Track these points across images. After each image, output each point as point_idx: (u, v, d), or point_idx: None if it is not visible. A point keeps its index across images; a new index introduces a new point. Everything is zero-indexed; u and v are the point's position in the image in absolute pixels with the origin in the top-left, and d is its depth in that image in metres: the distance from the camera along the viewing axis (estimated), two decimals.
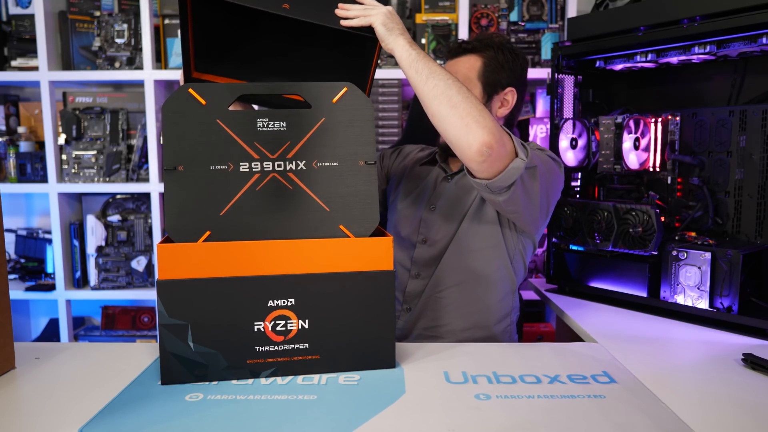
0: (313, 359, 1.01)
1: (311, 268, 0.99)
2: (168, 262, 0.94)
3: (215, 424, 0.83)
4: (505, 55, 1.40)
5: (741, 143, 1.41)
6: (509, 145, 1.14)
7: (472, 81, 1.38)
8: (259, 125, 1.01)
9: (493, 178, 1.15)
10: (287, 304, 0.99)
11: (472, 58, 1.39)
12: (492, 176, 1.14)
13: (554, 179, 1.32)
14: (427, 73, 1.13)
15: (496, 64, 1.38)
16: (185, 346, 0.95)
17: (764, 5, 1.25)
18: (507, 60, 1.40)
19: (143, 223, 2.40)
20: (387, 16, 1.16)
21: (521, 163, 1.14)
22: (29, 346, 1.15)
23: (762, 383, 1.01)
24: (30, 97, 2.56)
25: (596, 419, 0.85)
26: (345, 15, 1.16)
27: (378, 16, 1.15)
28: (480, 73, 1.38)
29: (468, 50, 1.41)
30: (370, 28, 1.17)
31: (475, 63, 1.39)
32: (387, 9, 1.17)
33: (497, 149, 1.10)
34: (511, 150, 1.15)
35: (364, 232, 1.02)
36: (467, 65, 1.39)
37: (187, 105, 0.98)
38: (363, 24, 1.15)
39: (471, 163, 1.13)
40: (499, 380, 0.99)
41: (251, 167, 1.00)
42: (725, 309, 1.32)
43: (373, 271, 1.01)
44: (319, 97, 1.03)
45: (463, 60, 1.40)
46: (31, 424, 0.85)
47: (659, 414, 0.87)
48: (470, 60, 1.39)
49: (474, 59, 1.39)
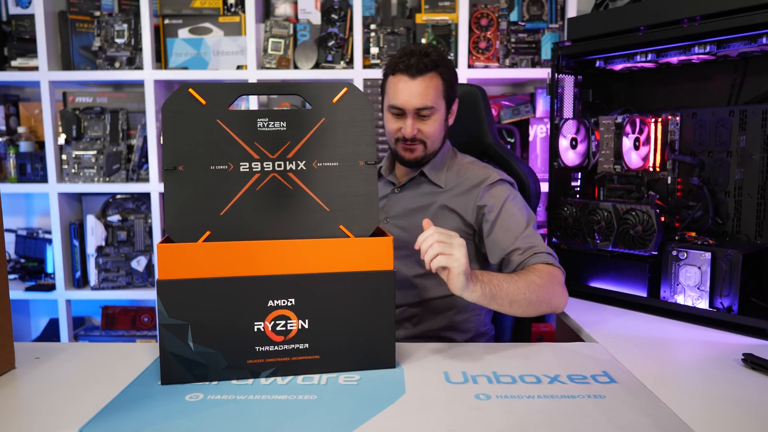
0: (313, 359, 1.01)
1: (311, 268, 0.99)
2: (168, 262, 0.94)
3: (215, 424, 0.83)
4: (452, 70, 1.42)
5: (741, 143, 1.41)
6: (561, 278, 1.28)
7: (439, 101, 1.39)
8: (259, 125, 1.01)
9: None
10: (287, 304, 0.99)
11: (435, 77, 1.37)
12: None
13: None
14: (506, 299, 1.14)
15: (451, 80, 1.40)
16: (185, 346, 0.95)
17: (764, 5, 1.25)
18: (454, 74, 1.43)
19: (143, 223, 2.40)
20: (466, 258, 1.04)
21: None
22: (29, 346, 1.15)
23: (762, 383, 1.01)
24: (30, 97, 2.56)
25: (596, 419, 0.85)
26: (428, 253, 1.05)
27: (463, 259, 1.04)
28: (443, 91, 1.39)
29: (431, 68, 1.37)
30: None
31: (438, 82, 1.38)
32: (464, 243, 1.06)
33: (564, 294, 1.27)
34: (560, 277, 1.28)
35: (365, 232, 1.02)
36: (433, 85, 1.37)
37: (187, 105, 0.98)
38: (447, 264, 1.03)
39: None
40: (499, 380, 0.99)
41: (251, 167, 1.00)
42: (725, 309, 1.32)
43: (373, 271, 1.01)
44: (319, 97, 1.03)
45: (428, 79, 1.36)
46: (31, 424, 0.85)
47: (659, 414, 0.87)
48: (434, 79, 1.37)
49: (436, 78, 1.37)
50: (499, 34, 2.28)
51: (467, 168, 1.47)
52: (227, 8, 2.35)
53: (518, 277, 1.18)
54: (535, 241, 1.32)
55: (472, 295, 1.08)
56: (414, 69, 1.35)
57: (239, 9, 2.34)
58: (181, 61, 2.34)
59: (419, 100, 1.36)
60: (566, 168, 1.67)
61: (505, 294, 1.13)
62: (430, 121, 1.39)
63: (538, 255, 1.29)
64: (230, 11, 2.35)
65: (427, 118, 1.38)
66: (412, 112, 1.37)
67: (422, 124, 1.39)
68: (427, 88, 1.36)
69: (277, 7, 2.38)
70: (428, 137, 1.40)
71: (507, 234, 1.34)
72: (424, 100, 1.36)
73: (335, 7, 2.30)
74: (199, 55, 2.34)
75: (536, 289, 1.18)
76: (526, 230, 1.34)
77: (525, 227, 1.34)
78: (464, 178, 1.45)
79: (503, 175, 1.44)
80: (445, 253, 1.03)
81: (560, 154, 1.65)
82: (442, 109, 1.40)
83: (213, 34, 2.34)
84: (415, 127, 1.38)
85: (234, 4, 2.35)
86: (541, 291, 1.18)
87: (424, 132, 1.39)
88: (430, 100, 1.36)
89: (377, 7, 2.35)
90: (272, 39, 2.30)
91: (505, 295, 1.13)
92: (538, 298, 1.18)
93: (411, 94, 1.36)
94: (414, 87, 1.36)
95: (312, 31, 2.32)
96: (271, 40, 2.30)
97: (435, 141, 1.42)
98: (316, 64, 2.30)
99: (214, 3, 2.32)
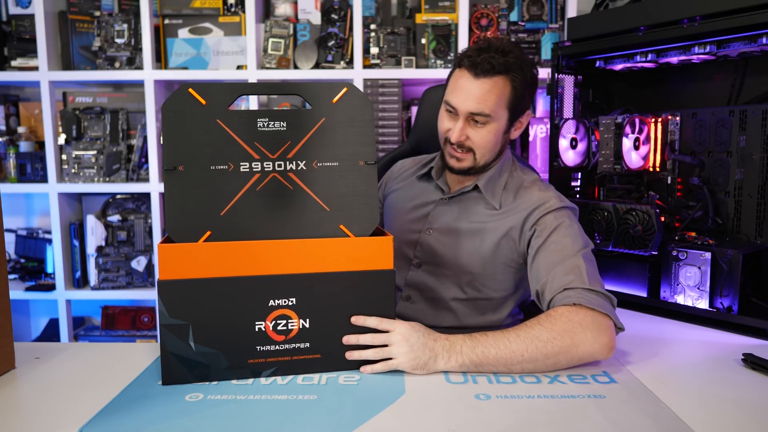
0: (314, 358, 1.01)
1: (312, 267, 0.99)
2: (169, 262, 0.94)
3: (215, 424, 0.83)
4: (527, 78, 1.23)
5: (741, 143, 1.41)
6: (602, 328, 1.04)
7: (500, 110, 1.22)
8: (259, 125, 1.01)
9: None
10: (288, 303, 0.99)
11: (501, 82, 1.20)
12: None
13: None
14: (498, 364, 1.00)
15: (523, 89, 1.22)
16: (186, 346, 0.95)
17: (764, 5, 1.25)
18: (531, 84, 1.25)
19: (143, 223, 2.40)
20: (411, 349, 0.99)
21: (619, 330, 1.07)
22: (29, 346, 1.15)
23: (762, 383, 1.01)
24: (30, 97, 2.56)
25: (596, 419, 0.85)
26: (360, 357, 1.01)
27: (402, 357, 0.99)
28: (508, 100, 1.21)
29: (499, 71, 1.19)
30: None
31: (504, 89, 1.20)
32: (405, 333, 1.00)
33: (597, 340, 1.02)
34: (607, 325, 1.04)
35: (365, 232, 1.03)
36: (497, 92, 1.20)
37: (187, 105, 0.98)
38: (388, 369, 1.00)
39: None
40: (499, 380, 0.99)
41: (251, 167, 1.00)
42: (725, 309, 1.32)
43: (373, 270, 1.01)
44: (318, 97, 1.03)
45: (492, 83, 1.19)
46: (31, 424, 0.84)
47: (659, 414, 0.87)
48: (499, 84, 1.20)
49: (503, 84, 1.20)
50: (499, 34, 2.28)
51: (527, 189, 1.28)
52: (227, 8, 2.35)
53: (518, 334, 1.01)
54: (573, 275, 1.10)
55: (447, 366, 1.00)
56: (479, 68, 1.18)
57: (239, 9, 2.34)
58: (181, 61, 2.34)
59: (474, 104, 1.19)
60: (566, 168, 1.67)
61: (494, 360, 0.99)
62: (484, 131, 1.22)
63: (568, 293, 1.07)
64: (230, 11, 2.35)
65: (481, 126, 1.22)
66: (465, 114, 1.21)
67: (473, 130, 1.22)
68: (488, 92, 1.19)
69: (277, 7, 2.38)
70: (478, 147, 1.23)
71: (545, 265, 1.15)
72: (480, 105, 1.19)
73: (335, 7, 2.30)
74: (199, 55, 2.34)
75: (541, 345, 0.99)
76: (568, 261, 1.12)
77: (568, 257, 1.13)
78: (522, 200, 1.27)
79: (565, 202, 1.24)
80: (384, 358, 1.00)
81: (560, 154, 1.65)
82: (501, 120, 1.22)
83: (213, 34, 2.34)
84: (464, 132, 1.22)
85: (234, 4, 2.35)
86: (549, 346, 0.99)
87: (473, 140, 1.23)
88: (488, 107, 1.19)
89: (377, 7, 2.35)
90: (272, 39, 2.30)
91: (494, 362, 0.99)
92: (545, 355, 0.99)
93: (468, 95, 1.20)
94: (473, 88, 1.19)
95: (312, 31, 2.32)
96: (271, 40, 2.30)
97: (486, 153, 1.25)
98: (316, 64, 2.30)
99: (214, 3, 2.32)
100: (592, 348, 1.01)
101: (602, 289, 1.08)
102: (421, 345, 0.99)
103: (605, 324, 1.03)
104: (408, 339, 0.99)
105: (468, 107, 1.20)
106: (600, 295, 1.07)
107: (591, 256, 1.16)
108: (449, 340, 1.01)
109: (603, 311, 1.04)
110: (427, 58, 2.29)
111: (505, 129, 1.25)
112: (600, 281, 1.12)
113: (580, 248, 1.15)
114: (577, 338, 1.01)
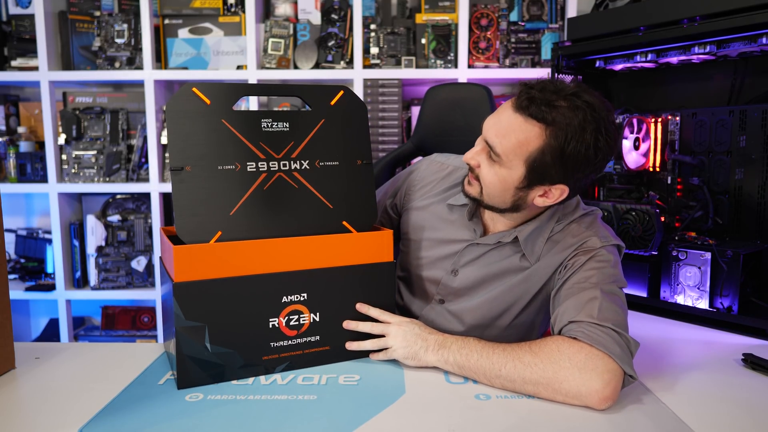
0: (323, 350, 1.04)
1: (321, 262, 1.02)
2: (184, 263, 0.93)
3: (215, 424, 0.83)
4: (571, 143, 0.96)
5: (741, 143, 1.41)
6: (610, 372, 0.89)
7: (515, 160, 1.00)
8: (263, 125, 1.02)
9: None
10: (300, 298, 1.01)
11: (533, 130, 0.97)
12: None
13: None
14: (477, 372, 0.97)
15: (554, 158, 0.97)
16: (202, 347, 0.95)
17: (764, 5, 1.25)
18: (570, 159, 0.97)
19: (143, 223, 2.40)
20: (405, 338, 1.04)
21: (630, 380, 0.92)
22: (29, 346, 1.15)
23: (762, 383, 1.01)
24: (30, 97, 2.56)
25: (596, 419, 0.85)
26: (358, 348, 1.07)
27: (396, 346, 1.04)
28: (529, 155, 0.99)
29: (536, 116, 0.96)
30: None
31: (531, 139, 0.97)
32: (402, 325, 1.05)
33: (587, 382, 0.89)
34: (616, 371, 0.90)
35: (365, 227, 1.07)
36: (521, 138, 0.98)
37: (191, 104, 0.98)
38: (388, 358, 1.05)
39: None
40: None
41: (258, 167, 1.01)
42: (725, 309, 1.32)
43: (376, 263, 1.06)
44: (318, 99, 1.06)
45: (521, 124, 0.98)
46: (31, 424, 0.84)
47: (659, 414, 0.87)
48: (527, 131, 0.97)
49: (534, 132, 0.97)
50: (499, 34, 2.28)
51: (568, 229, 1.10)
52: (227, 8, 2.35)
53: (504, 349, 0.96)
54: (584, 309, 0.96)
55: (435, 360, 1.01)
56: (520, 99, 0.99)
57: (239, 9, 2.34)
58: (181, 61, 2.34)
59: (492, 134, 1.01)
60: None
61: (475, 367, 0.96)
62: (492, 170, 1.03)
63: (571, 326, 0.95)
64: (230, 11, 2.35)
65: (492, 162, 1.03)
66: (484, 139, 1.04)
67: (486, 163, 1.04)
68: (510, 131, 0.99)
69: (277, 7, 2.38)
70: (483, 183, 1.06)
71: (561, 298, 1.02)
72: (496, 139, 1.00)
73: (335, 7, 2.30)
74: (199, 55, 2.34)
75: (521, 367, 0.92)
76: (584, 293, 0.99)
77: (585, 290, 0.99)
78: (559, 245, 1.09)
79: (607, 241, 1.07)
80: (382, 348, 1.05)
81: None
82: (514, 171, 1.01)
83: (213, 34, 2.34)
84: (476, 158, 1.05)
85: (234, 4, 2.35)
86: (529, 371, 0.91)
87: (481, 172, 1.05)
88: (502, 146, 1.00)
89: (377, 7, 2.35)
90: (272, 39, 2.30)
91: (475, 369, 0.97)
92: (524, 379, 0.92)
93: (495, 121, 1.02)
94: (502, 117, 1.01)
95: (312, 31, 2.32)
96: (271, 40, 2.30)
97: (491, 195, 1.06)
98: (316, 64, 2.30)
99: (214, 3, 2.32)
100: (579, 390, 0.88)
101: (615, 327, 0.93)
102: (414, 335, 1.04)
103: (603, 367, 0.89)
104: (404, 330, 1.05)
105: (487, 134, 1.03)
106: (608, 332, 0.92)
107: (616, 292, 1.01)
108: (443, 337, 1.03)
109: (604, 351, 0.90)
110: (427, 58, 2.29)
111: (520, 184, 1.02)
112: (618, 320, 0.95)
113: (602, 281, 1.00)
114: (561, 373, 0.90)
